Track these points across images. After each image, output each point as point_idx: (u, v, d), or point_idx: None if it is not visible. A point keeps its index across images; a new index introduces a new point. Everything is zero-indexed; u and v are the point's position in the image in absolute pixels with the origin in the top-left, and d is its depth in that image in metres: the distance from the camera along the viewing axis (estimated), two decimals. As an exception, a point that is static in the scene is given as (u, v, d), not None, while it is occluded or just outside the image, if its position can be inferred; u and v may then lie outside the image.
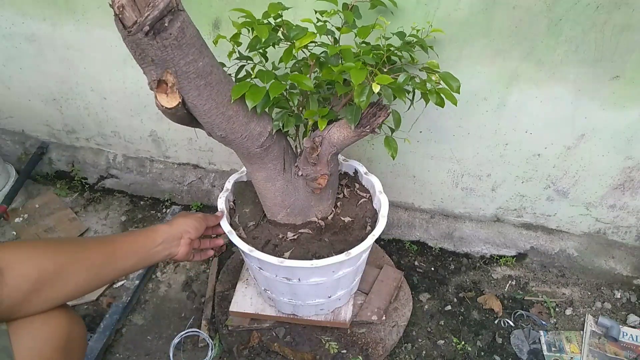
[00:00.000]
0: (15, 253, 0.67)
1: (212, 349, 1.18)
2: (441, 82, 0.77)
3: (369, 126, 0.79)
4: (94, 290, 0.83)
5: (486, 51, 0.99)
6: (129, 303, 1.26)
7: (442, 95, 0.77)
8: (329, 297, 1.07)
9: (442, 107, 0.79)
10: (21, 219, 1.51)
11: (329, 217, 1.04)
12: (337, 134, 0.82)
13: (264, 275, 0.98)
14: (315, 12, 0.85)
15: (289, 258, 0.93)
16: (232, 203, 1.07)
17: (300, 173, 0.91)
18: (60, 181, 1.65)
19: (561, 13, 0.91)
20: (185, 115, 0.76)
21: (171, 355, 1.18)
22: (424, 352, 1.21)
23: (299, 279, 0.95)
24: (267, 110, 0.81)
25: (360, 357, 1.12)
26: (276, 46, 0.81)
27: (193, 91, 0.71)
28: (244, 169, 1.09)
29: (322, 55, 0.83)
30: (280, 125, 0.83)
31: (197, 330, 1.22)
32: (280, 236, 1.00)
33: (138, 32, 0.60)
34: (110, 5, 0.59)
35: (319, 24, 0.80)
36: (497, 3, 0.91)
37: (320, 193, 0.96)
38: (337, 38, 0.87)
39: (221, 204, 1.00)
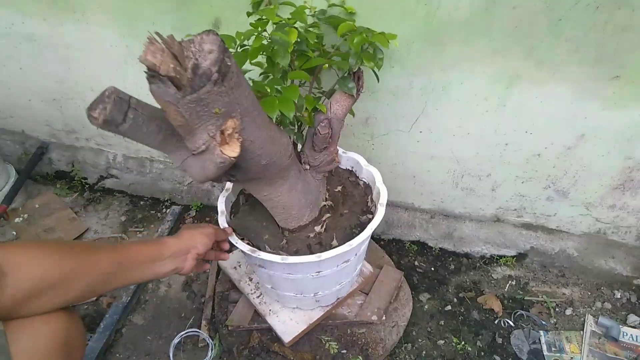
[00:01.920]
0: (20, 255, 0.66)
1: (212, 349, 1.18)
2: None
3: (361, 88, 0.87)
4: (96, 296, 0.82)
5: (486, 51, 0.99)
6: (129, 303, 1.26)
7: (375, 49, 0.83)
8: (342, 283, 1.09)
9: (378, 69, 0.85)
10: (21, 219, 1.51)
11: (329, 194, 1.06)
12: (339, 108, 0.85)
13: (292, 279, 0.98)
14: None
15: (338, 245, 0.92)
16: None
17: (309, 165, 0.91)
18: (60, 181, 1.65)
19: (561, 13, 0.90)
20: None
21: (171, 355, 1.18)
22: (424, 352, 1.21)
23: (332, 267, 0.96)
24: None
25: (360, 357, 1.12)
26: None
27: (251, 125, 0.65)
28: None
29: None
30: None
31: (197, 330, 1.22)
32: (311, 235, 0.99)
33: (205, 83, 0.53)
34: (152, 74, 0.52)
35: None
36: (497, 3, 0.91)
37: (328, 175, 0.96)
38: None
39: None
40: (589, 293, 1.36)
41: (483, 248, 1.43)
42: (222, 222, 0.98)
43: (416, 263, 1.43)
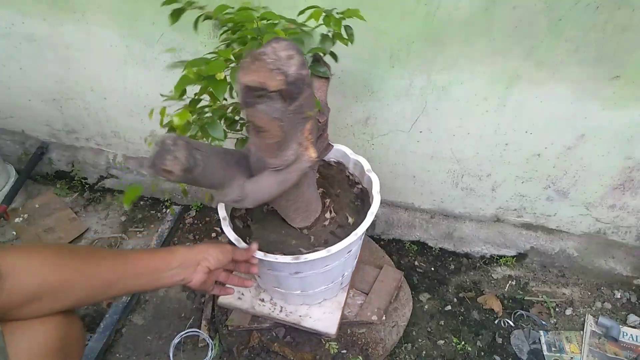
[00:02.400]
0: (20, 259, 0.65)
1: (212, 349, 1.18)
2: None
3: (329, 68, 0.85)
4: (97, 302, 0.79)
5: (486, 51, 0.99)
6: (129, 303, 1.26)
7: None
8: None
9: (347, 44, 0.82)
10: (21, 219, 1.51)
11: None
12: (322, 94, 0.83)
13: (328, 269, 0.98)
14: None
15: (354, 221, 0.93)
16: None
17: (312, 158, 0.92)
18: (60, 181, 1.65)
19: (561, 13, 0.90)
20: None
21: (171, 355, 1.18)
22: (424, 352, 1.21)
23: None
24: None
25: (360, 357, 1.12)
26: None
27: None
28: None
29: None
30: None
31: (197, 330, 1.22)
32: (326, 222, 1.00)
33: (302, 88, 0.53)
34: (260, 93, 0.51)
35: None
36: (497, 3, 0.91)
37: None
38: None
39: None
40: (589, 293, 1.36)
41: (483, 248, 1.43)
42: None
43: (416, 263, 1.43)
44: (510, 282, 1.39)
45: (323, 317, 1.14)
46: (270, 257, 0.88)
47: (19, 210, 1.53)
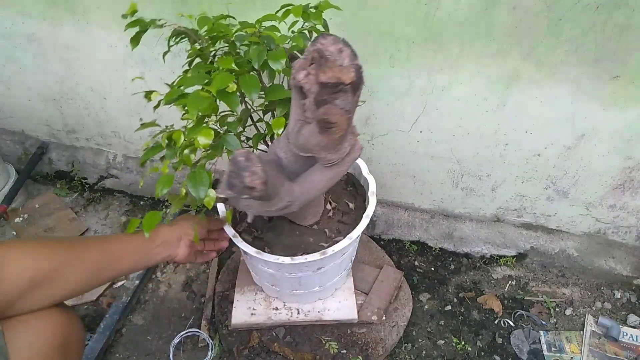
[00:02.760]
0: (12, 250, 0.67)
1: (212, 349, 1.18)
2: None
3: None
4: (91, 290, 0.83)
5: (486, 51, 0.99)
6: (129, 303, 1.26)
7: None
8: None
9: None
10: (21, 219, 1.51)
11: None
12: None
13: (345, 258, 1.00)
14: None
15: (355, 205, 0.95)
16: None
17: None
18: (60, 181, 1.65)
19: (561, 13, 0.91)
20: None
21: (171, 355, 1.18)
22: (424, 352, 1.21)
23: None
24: None
25: (360, 357, 1.12)
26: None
27: None
28: None
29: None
30: None
31: (197, 330, 1.22)
32: (330, 213, 1.01)
33: (361, 79, 0.56)
34: (338, 88, 0.53)
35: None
36: (497, 3, 0.91)
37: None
38: None
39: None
40: (589, 293, 1.36)
41: (483, 248, 1.44)
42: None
43: (416, 263, 1.43)
44: (510, 282, 1.39)
45: (341, 306, 1.16)
46: (299, 259, 0.88)
47: (19, 210, 1.53)
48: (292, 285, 1.05)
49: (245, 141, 0.88)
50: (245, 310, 1.15)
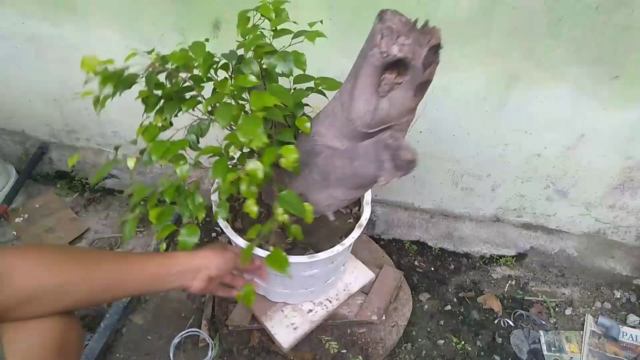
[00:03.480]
0: (16, 259, 0.64)
1: (212, 349, 1.18)
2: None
3: None
4: (94, 306, 0.78)
5: (486, 51, 0.99)
6: (130, 303, 1.26)
7: None
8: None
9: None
10: (21, 219, 1.51)
11: None
12: None
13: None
14: None
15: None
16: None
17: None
18: (60, 181, 1.65)
19: (561, 13, 0.91)
20: None
21: (171, 355, 1.18)
22: (424, 352, 1.21)
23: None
24: None
25: (360, 357, 1.12)
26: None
27: None
28: None
29: None
30: None
31: (197, 330, 1.22)
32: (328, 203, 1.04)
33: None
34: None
35: None
36: (497, 3, 0.91)
37: None
38: None
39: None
40: (589, 293, 1.37)
41: (483, 248, 1.44)
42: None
43: (416, 263, 1.43)
44: (510, 282, 1.39)
45: (354, 276, 1.22)
46: (336, 249, 0.91)
47: (19, 211, 1.53)
48: (326, 274, 1.07)
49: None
50: (288, 330, 1.11)
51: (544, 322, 1.28)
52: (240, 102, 0.72)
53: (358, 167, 0.71)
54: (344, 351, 1.13)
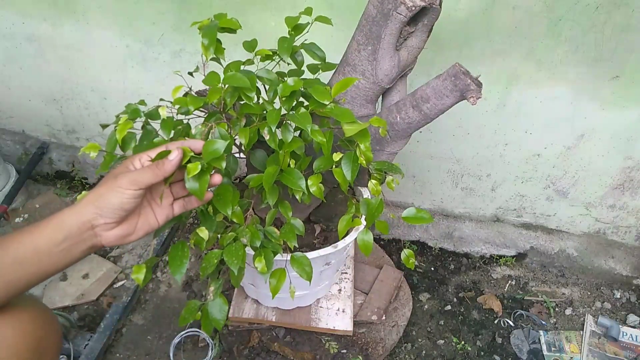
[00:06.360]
0: None
1: (212, 349, 1.18)
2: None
3: None
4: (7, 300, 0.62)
5: (486, 51, 1.00)
6: (129, 303, 1.26)
7: None
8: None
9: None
10: (21, 219, 1.51)
11: None
12: None
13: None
14: None
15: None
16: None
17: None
18: (60, 181, 1.65)
19: (561, 13, 0.91)
20: None
21: (171, 355, 1.18)
22: (424, 352, 1.21)
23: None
24: None
25: (360, 357, 1.12)
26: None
27: None
28: None
29: None
30: None
31: (197, 330, 1.22)
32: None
33: None
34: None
35: None
36: (497, 3, 0.91)
37: None
38: None
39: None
40: (589, 293, 1.37)
41: (483, 248, 1.44)
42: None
43: (416, 263, 1.43)
44: (510, 282, 1.39)
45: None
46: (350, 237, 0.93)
47: (19, 211, 1.53)
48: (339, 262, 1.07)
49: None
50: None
51: (544, 322, 1.28)
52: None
53: (431, 107, 0.78)
54: (344, 351, 1.13)
